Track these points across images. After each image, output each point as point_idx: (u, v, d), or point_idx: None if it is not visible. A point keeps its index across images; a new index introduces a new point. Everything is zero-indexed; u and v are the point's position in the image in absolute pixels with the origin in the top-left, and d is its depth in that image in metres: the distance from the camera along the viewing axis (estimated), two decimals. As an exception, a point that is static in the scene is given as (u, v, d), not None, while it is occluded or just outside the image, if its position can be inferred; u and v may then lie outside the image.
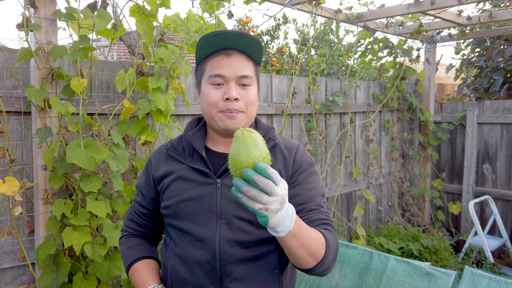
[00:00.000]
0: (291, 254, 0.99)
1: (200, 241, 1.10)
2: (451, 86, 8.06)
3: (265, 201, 0.82)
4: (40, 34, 1.81)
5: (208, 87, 1.13)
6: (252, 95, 1.14)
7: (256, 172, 0.81)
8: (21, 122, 1.87)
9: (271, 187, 0.81)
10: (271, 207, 0.83)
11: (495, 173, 4.18)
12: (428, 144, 4.50)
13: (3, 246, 1.86)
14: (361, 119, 3.90)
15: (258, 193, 0.82)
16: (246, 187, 0.82)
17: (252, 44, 1.11)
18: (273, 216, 0.85)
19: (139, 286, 1.18)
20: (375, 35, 3.94)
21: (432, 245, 3.48)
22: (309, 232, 0.98)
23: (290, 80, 3.16)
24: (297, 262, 1.01)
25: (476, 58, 5.16)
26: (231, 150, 0.85)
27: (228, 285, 1.10)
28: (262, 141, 0.84)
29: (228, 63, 1.11)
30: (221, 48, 1.12)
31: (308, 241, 0.97)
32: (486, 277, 1.47)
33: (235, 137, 0.84)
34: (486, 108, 4.20)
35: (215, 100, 1.11)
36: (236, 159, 0.82)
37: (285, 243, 0.94)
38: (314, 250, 0.99)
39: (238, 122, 1.12)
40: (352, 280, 1.83)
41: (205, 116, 1.17)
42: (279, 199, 0.83)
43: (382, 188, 4.26)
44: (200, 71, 1.17)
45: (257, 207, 0.83)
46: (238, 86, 1.12)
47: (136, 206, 1.29)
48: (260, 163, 0.81)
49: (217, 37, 1.09)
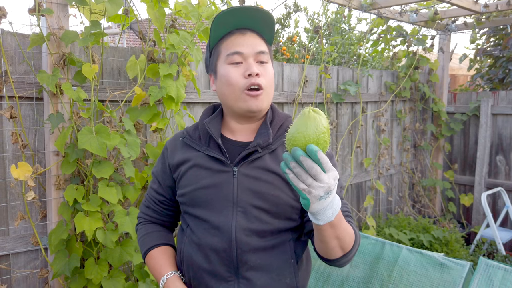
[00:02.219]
0: (323, 243, 0.97)
1: (217, 229, 1.10)
2: (463, 77, 7.92)
3: (309, 183, 0.80)
4: (52, 19, 1.80)
5: (227, 67, 1.10)
6: (270, 72, 1.12)
7: (305, 154, 0.79)
8: (32, 108, 1.87)
9: (316, 171, 0.79)
10: (314, 192, 0.80)
11: (509, 165, 4.11)
12: (441, 135, 4.44)
13: (16, 231, 1.88)
14: (373, 108, 3.85)
15: (303, 173, 0.79)
16: (293, 162, 0.80)
17: (264, 20, 1.10)
18: (316, 202, 0.82)
19: (156, 272, 1.18)
20: (388, 23, 3.86)
21: (443, 236, 3.45)
22: (344, 225, 0.97)
23: (301, 69, 3.12)
24: (325, 251, 1.00)
25: (491, 48, 5.05)
26: (292, 125, 0.83)
27: (244, 273, 1.09)
28: (324, 126, 0.81)
29: (244, 40, 1.10)
30: (234, 29, 1.11)
31: (342, 234, 0.96)
32: (502, 269, 1.44)
33: (302, 114, 0.82)
34: (501, 99, 4.11)
35: (236, 79, 1.08)
36: (292, 135, 0.80)
37: (321, 231, 0.92)
38: (345, 243, 0.98)
39: (261, 103, 1.10)
40: (363, 270, 1.82)
41: (225, 100, 1.14)
42: (325, 186, 0.80)
43: (393, 179, 4.22)
44: (214, 55, 1.15)
45: (301, 187, 0.80)
46: (257, 64, 1.10)
47: (153, 193, 1.28)
48: (312, 146, 0.78)
49: (230, 16, 1.07)
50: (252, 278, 1.08)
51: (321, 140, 0.80)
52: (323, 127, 0.80)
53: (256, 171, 1.10)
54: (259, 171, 1.10)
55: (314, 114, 0.80)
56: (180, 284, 1.13)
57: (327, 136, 0.81)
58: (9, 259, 1.87)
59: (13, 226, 1.86)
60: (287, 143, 0.82)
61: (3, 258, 1.85)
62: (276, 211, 1.08)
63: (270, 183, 1.09)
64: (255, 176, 1.09)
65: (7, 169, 1.83)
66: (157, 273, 1.18)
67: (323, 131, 0.80)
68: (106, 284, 1.83)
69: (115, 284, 1.85)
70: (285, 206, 1.09)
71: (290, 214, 1.10)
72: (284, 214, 1.09)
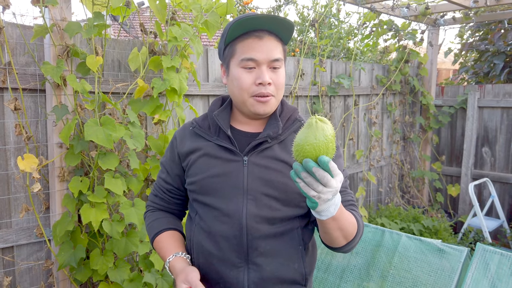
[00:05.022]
0: (326, 234, 1.03)
1: (227, 216, 1.12)
2: (446, 71, 8.06)
3: (320, 190, 0.85)
4: (55, 11, 1.79)
5: (240, 70, 1.12)
6: (282, 78, 1.15)
7: (317, 165, 0.84)
8: (34, 100, 1.86)
9: (328, 179, 0.84)
10: (323, 196, 0.87)
11: (494, 156, 4.25)
12: (429, 127, 4.55)
13: (18, 223, 1.87)
14: (365, 101, 3.92)
15: (314, 182, 0.85)
16: (304, 173, 0.85)
17: (283, 26, 1.11)
18: (323, 204, 0.89)
19: (164, 254, 1.19)
20: (380, 17, 3.92)
21: (433, 225, 3.56)
22: (346, 216, 1.02)
23: (297, 62, 3.16)
24: (330, 241, 1.06)
25: (476, 42, 5.17)
26: (299, 134, 0.86)
27: (254, 259, 1.12)
28: (331, 135, 0.85)
29: (260, 46, 1.10)
30: (252, 30, 1.12)
31: (344, 224, 1.01)
32: (498, 253, 1.52)
33: (308, 123, 0.85)
34: (487, 92, 4.23)
35: (247, 85, 1.11)
36: (302, 146, 0.84)
37: (325, 224, 0.98)
38: (348, 233, 1.04)
39: (269, 107, 1.13)
40: (364, 257, 1.88)
41: (234, 99, 1.17)
42: (333, 191, 0.87)
43: (383, 170, 4.32)
44: (229, 51, 1.16)
45: (311, 194, 0.86)
46: (269, 70, 1.12)
47: (161, 183, 1.30)
48: (323, 157, 0.83)
49: (249, 20, 1.09)
50: (262, 263, 1.12)
51: (330, 149, 0.84)
52: (330, 136, 0.84)
53: (266, 160, 1.13)
54: (269, 160, 1.13)
55: (321, 124, 0.84)
56: (184, 263, 1.14)
57: (334, 143, 0.86)
58: (13, 251, 1.87)
59: (15, 218, 1.86)
60: (296, 153, 0.86)
61: (6, 250, 1.85)
62: (286, 199, 1.12)
63: (280, 172, 1.12)
64: (265, 165, 1.13)
65: (9, 162, 1.82)
66: (163, 256, 1.19)
67: (331, 140, 0.84)
68: (112, 274, 1.84)
69: (120, 274, 1.86)
70: (294, 194, 1.12)
71: (299, 201, 1.14)
72: (293, 202, 1.13)
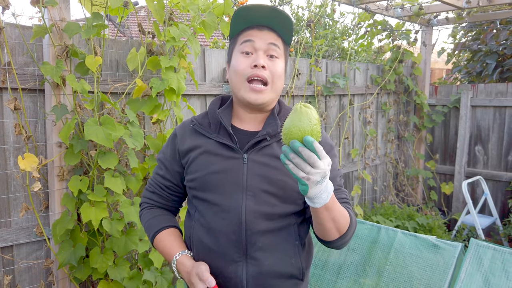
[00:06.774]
0: (320, 225, 1.06)
1: (227, 211, 1.15)
2: (439, 71, 8.13)
3: (308, 171, 0.89)
4: (54, 11, 1.80)
5: (238, 56, 1.16)
6: (279, 67, 1.17)
7: (303, 144, 0.88)
8: (33, 100, 1.87)
9: (314, 159, 0.88)
10: (312, 178, 0.90)
11: (487, 154, 4.31)
12: (423, 126, 4.60)
13: (18, 222, 1.88)
14: (360, 101, 3.96)
15: (302, 162, 0.89)
16: (292, 154, 0.89)
17: (283, 21, 1.15)
18: (313, 187, 0.91)
19: (168, 253, 1.22)
20: (374, 18, 3.97)
21: (427, 223, 3.61)
22: (338, 208, 1.06)
23: (293, 62, 3.19)
24: (323, 233, 1.09)
25: (469, 42, 5.23)
26: (286, 120, 0.92)
27: (253, 253, 1.15)
28: (316, 118, 0.91)
29: (259, 33, 1.16)
30: (253, 24, 1.16)
31: (337, 216, 1.05)
32: (491, 248, 1.56)
33: (293, 109, 0.91)
34: (480, 91, 4.29)
35: (243, 68, 1.14)
36: (288, 129, 0.90)
37: (318, 214, 1.02)
38: (340, 225, 1.08)
39: (262, 98, 1.16)
40: (360, 254, 1.91)
41: (233, 88, 1.20)
42: (321, 172, 0.90)
43: (378, 169, 4.36)
44: (232, 44, 1.21)
45: (301, 175, 0.89)
46: (267, 57, 1.16)
47: (159, 179, 1.31)
48: (308, 137, 0.87)
49: (250, 11, 1.12)
50: (260, 258, 1.15)
51: (315, 131, 0.90)
52: (315, 120, 0.90)
53: (265, 158, 1.16)
54: (268, 158, 1.16)
55: (305, 109, 0.90)
56: (191, 261, 1.17)
57: (319, 127, 0.91)
58: (12, 250, 1.88)
59: (15, 217, 1.86)
60: (284, 137, 0.92)
61: (6, 249, 1.86)
62: (284, 195, 1.15)
63: (278, 169, 1.15)
64: (264, 162, 1.16)
65: (9, 161, 1.83)
66: (167, 254, 1.22)
67: (315, 123, 0.90)
68: (112, 273, 1.86)
69: (120, 272, 1.88)
70: (291, 191, 1.16)
71: (296, 198, 1.17)
72: (291, 198, 1.16)
